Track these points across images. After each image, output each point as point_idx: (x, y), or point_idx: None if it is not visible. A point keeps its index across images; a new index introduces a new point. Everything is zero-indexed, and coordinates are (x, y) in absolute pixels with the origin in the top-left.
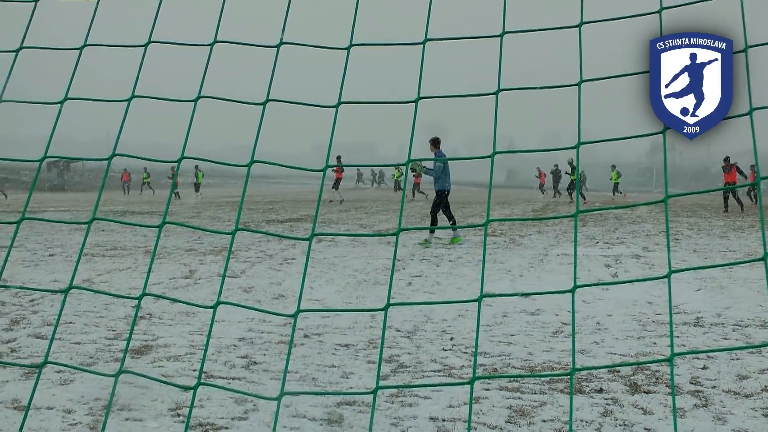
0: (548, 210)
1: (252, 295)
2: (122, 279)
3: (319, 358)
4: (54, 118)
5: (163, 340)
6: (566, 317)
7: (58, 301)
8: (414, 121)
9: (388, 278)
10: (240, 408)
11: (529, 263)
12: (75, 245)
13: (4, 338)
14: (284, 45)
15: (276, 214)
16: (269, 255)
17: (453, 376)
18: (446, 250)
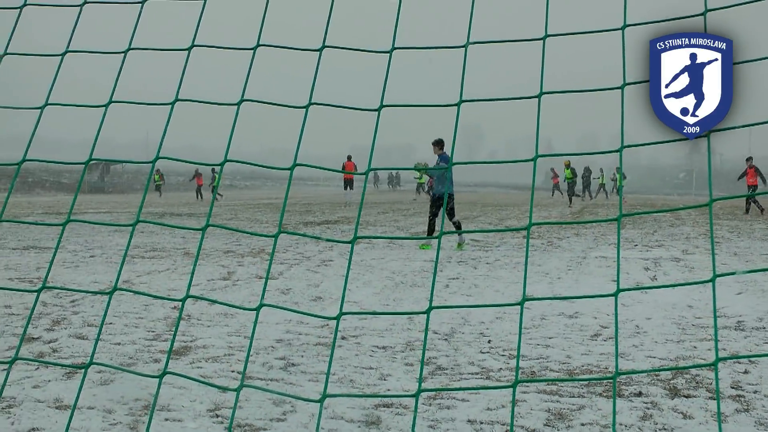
0: (586, 213)
1: (290, 297)
2: (162, 280)
3: (357, 360)
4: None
5: (201, 341)
6: (605, 320)
7: (99, 302)
8: (456, 124)
9: (425, 280)
10: (278, 409)
11: (567, 266)
12: (115, 246)
13: (45, 338)
14: (326, 48)
15: (313, 216)
16: (307, 257)
17: (491, 378)
18: (484, 252)
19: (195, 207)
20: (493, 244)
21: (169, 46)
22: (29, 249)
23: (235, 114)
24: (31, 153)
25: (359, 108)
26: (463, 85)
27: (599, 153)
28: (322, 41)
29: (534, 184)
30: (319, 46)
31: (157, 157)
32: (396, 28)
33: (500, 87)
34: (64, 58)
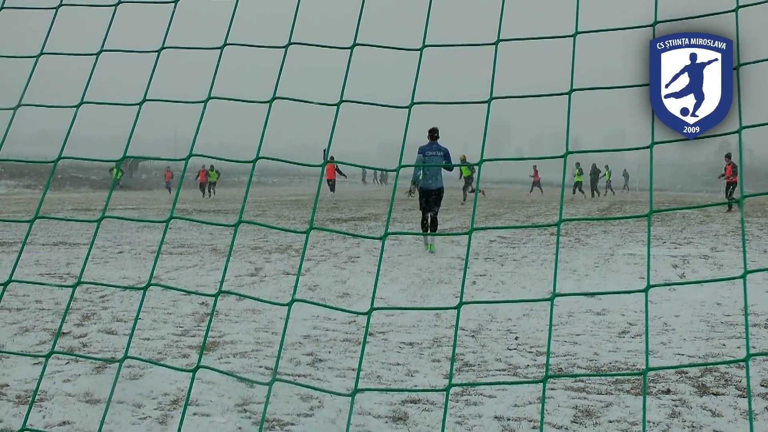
0: (614, 209)
1: (317, 293)
2: (189, 276)
3: (384, 356)
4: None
5: (229, 336)
6: (632, 317)
7: (128, 297)
8: (486, 122)
9: (451, 277)
10: (305, 405)
11: (595, 263)
12: (143, 242)
13: (75, 333)
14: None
15: (340, 212)
16: (334, 253)
17: (518, 375)
18: (511, 249)
19: (223, 204)
20: (520, 240)
21: (198, 44)
22: (59, 245)
23: (267, 111)
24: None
25: (391, 105)
26: (494, 82)
27: (628, 150)
28: (353, 39)
29: (564, 181)
30: (350, 44)
31: (191, 154)
32: (426, 26)
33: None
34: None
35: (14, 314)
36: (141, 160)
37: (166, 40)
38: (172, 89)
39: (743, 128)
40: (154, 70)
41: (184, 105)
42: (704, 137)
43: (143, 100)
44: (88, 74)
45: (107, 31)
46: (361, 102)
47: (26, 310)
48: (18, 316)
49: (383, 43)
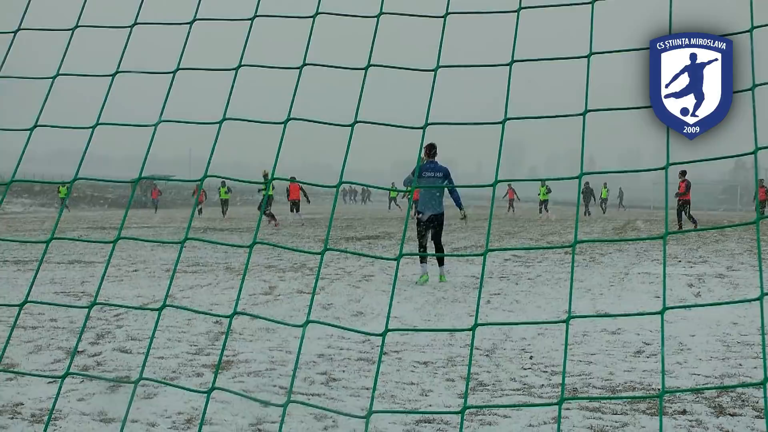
0: (629, 229)
1: (331, 312)
2: (204, 295)
3: (398, 375)
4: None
5: (243, 355)
6: (648, 337)
7: (142, 316)
8: (501, 142)
9: (466, 296)
10: (320, 424)
11: (610, 282)
12: (158, 261)
13: (90, 352)
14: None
15: (354, 231)
16: (348, 272)
17: (533, 395)
18: (525, 268)
19: (236, 222)
20: (535, 259)
21: (212, 66)
22: (74, 263)
23: (282, 132)
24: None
25: (406, 126)
26: (508, 103)
27: (645, 170)
28: (367, 60)
29: (579, 201)
30: (364, 65)
31: (206, 175)
32: (441, 47)
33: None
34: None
35: (29, 332)
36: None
37: (181, 62)
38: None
39: (759, 149)
40: (170, 91)
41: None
42: (721, 158)
43: (159, 121)
44: (103, 95)
45: (123, 53)
46: (375, 123)
47: (41, 328)
48: (33, 335)
49: (397, 64)
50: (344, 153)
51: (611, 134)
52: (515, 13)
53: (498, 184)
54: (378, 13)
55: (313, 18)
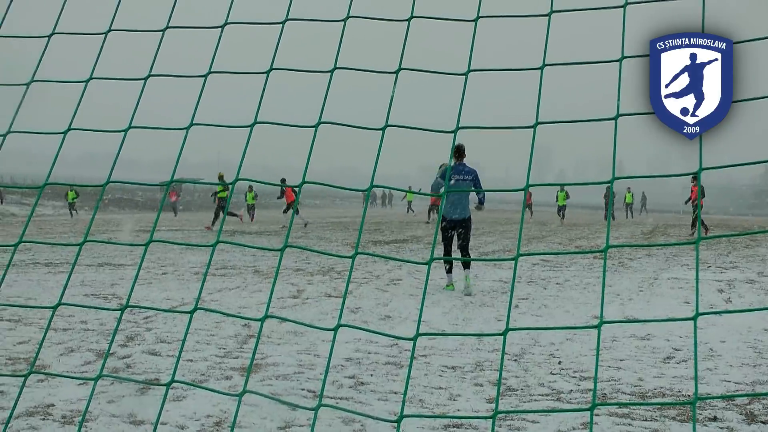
0: (657, 233)
1: (359, 315)
2: (232, 298)
3: (426, 379)
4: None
5: (272, 359)
6: (677, 343)
7: (171, 318)
8: (532, 148)
9: (494, 300)
10: (347, 428)
11: (639, 287)
12: (186, 264)
13: (120, 354)
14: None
15: (382, 235)
16: (376, 276)
17: (561, 400)
18: (554, 272)
19: (265, 225)
20: (563, 264)
21: (243, 69)
22: (104, 266)
23: (312, 136)
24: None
25: (436, 130)
26: (539, 106)
27: (675, 175)
28: (398, 64)
29: (611, 206)
30: (395, 69)
31: (237, 179)
32: (471, 50)
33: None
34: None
35: (60, 334)
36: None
37: (213, 65)
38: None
39: None
40: (201, 94)
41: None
42: (753, 163)
43: (191, 124)
44: (134, 99)
45: (155, 56)
46: (406, 126)
47: (72, 330)
48: (64, 337)
49: (428, 67)
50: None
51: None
52: (546, 17)
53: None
54: (409, 17)
55: (344, 21)
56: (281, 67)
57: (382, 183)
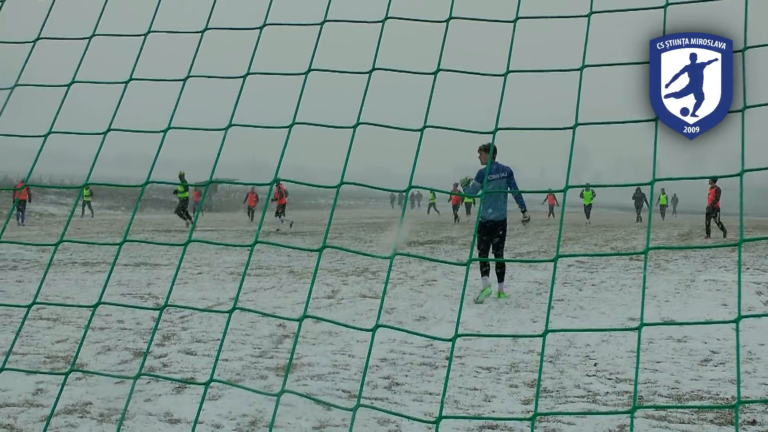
0: (694, 235)
1: (393, 316)
2: (267, 298)
3: (461, 380)
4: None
5: (306, 359)
6: (715, 345)
7: (207, 318)
8: (572, 149)
9: (528, 301)
10: (382, 428)
11: (675, 289)
12: (222, 264)
13: (156, 353)
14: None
15: (417, 235)
16: (410, 276)
17: (597, 402)
18: (589, 274)
19: (299, 226)
20: (599, 265)
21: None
22: (140, 265)
23: (351, 137)
24: (145, 173)
25: (474, 131)
26: (579, 108)
27: (719, 177)
28: (436, 65)
29: (651, 207)
30: (433, 70)
31: (276, 179)
32: (510, 51)
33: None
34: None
35: (97, 333)
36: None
37: (251, 66)
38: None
39: None
40: (240, 95)
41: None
42: None
43: (229, 125)
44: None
45: (194, 57)
46: (444, 128)
47: (109, 329)
48: (101, 336)
49: (465, 68)
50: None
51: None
52: (586, 18)
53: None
54: (447, 18)
55: (382, 22)
56: (319, 68)
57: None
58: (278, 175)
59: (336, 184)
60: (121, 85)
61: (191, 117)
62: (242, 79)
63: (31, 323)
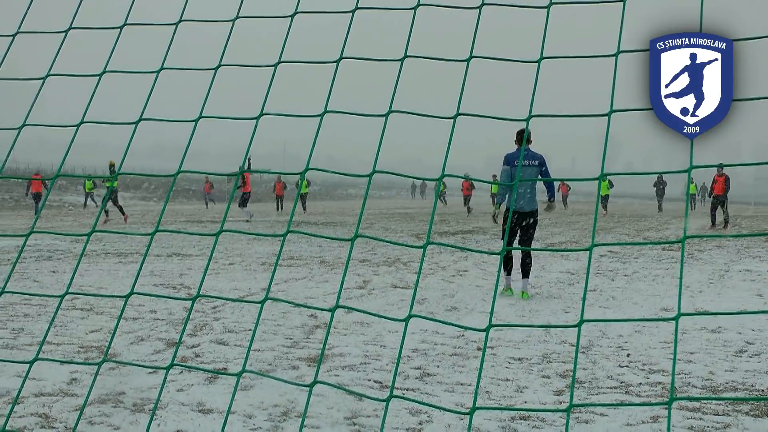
0: (730, 225)
1: (425, 306)
2: (299, 288)
3: (493, 371)
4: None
5: (338, 349)
6: (750, 336)
7: (239, 308)
8: (607, 135)
9: (561, 291)
10: (414, 419)
11: (709, 279)
12: (253, 254)
13: (188, 343)
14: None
15: (448, 225)
16: (442, 267)
17: (630, 393)
18: (621, 264)
19: (331, 216)
20: (631, 255)
21: (311, 59)
22: (173, 256)
23: (383, 126)
24: (176, 164)
25: (508, 118)
26: (614, 96)
27: (756, 164)
28: (469, 52)
29: (688, 196)
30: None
31: (307, 168)
32: (544, 38)
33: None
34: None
35: (130, 323)
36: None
37: (282, 54)
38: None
39: None
40: (271, 84)
41: (293, 119)
42: None
43: (260, 114)
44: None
45: (225, 47)
46: (477, 115)
47: (141, 319)
48: (134, 326)
49: (499, 55)
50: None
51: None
52: (621, 3)
53: None
54: (480, 4)
55: (414, 9)
56: (350, 56)
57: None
58: (310, 165)
59: (368, 173)
60: (152, 75)
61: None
62: (273, 68)
63: (65, 313)
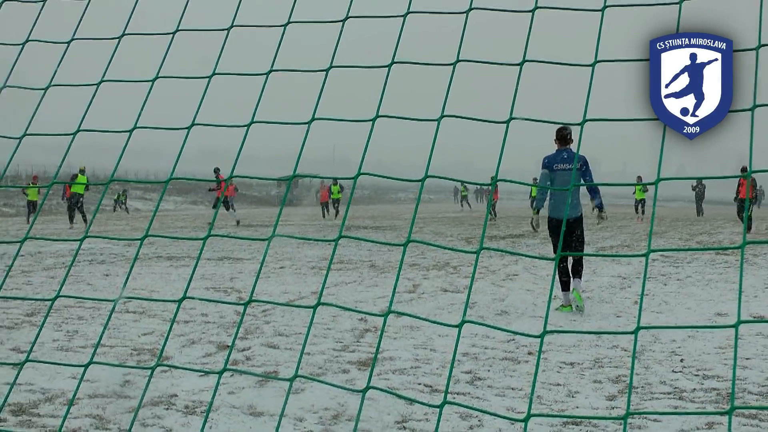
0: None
1: (475, 310)
2: (348, 292)
3: (544, 375)
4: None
5: (388, 353)
6: None
7: (289, 312)
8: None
9: (612, 296)
10: (465, 423)
11: (764, 284)
12: (303, 258)
13: (239, 347)
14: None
15: (497, 229)
16: (492, 271)
17: (683, 399)
18: (674, 268)
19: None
20: (684, 260)
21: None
22: (224, 260)
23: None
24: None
25: (561, 122)
26: None
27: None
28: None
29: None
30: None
31: (359, 173)
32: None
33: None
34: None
35: (182, 326)
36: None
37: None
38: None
39: None
40: (322, 90)
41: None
42: None
43: (312, 119)
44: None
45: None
46: (530, 119)
47: (193, 322)
48: (185, 329)
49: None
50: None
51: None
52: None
53: None
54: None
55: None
56: (403, 60)
57: (502, 177)
58: (351, 169)
59: (420, 178)
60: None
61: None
62: (325, 72)
63: (118, 316)
